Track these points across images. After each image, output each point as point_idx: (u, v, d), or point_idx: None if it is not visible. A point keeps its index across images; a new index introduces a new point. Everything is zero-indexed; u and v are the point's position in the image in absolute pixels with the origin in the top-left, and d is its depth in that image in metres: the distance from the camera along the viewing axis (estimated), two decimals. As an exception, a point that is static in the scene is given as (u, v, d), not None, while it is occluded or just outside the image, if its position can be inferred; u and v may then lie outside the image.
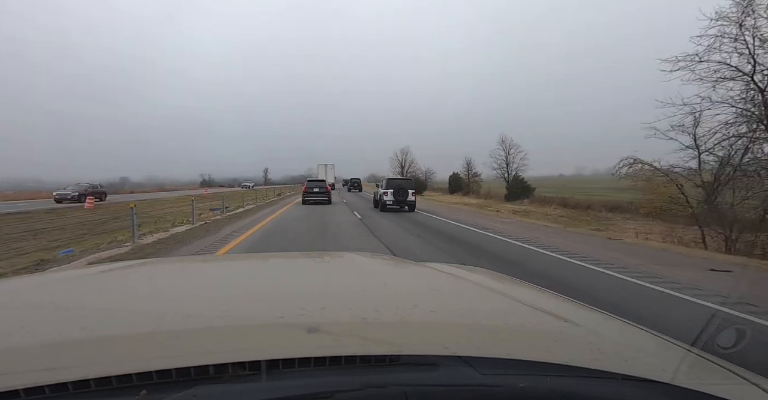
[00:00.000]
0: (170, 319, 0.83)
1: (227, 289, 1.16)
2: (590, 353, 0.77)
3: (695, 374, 0.74)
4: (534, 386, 0.61)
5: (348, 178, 59.42)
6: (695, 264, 7.06)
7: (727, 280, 5.90)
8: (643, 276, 5.82)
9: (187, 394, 0.54)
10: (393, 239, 9.54)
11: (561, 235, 11.12)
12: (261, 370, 0.59)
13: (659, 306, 4.40)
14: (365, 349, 0.67)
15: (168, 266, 1.61)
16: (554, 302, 1.21)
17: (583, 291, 4.92)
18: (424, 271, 1.52)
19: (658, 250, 8.85)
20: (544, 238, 10.18)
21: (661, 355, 0.85)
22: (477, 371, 0.63)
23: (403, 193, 18.04)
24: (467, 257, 7.25)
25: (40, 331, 0.76)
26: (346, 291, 1.17)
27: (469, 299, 1.13)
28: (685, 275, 6.00)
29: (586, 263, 6.83)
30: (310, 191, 22.87)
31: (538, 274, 5.91)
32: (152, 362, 0.59)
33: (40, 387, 0.53)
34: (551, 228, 13.07)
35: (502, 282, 1.44)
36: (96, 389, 0.55)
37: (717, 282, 5.61)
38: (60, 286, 1.18)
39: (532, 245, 8.78)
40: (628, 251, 8.49)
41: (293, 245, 8.44)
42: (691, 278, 5.84)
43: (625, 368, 0.68)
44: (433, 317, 0.91)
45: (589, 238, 10.84)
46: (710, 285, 5.36)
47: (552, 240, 9.79)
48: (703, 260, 7.51)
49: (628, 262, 6.99)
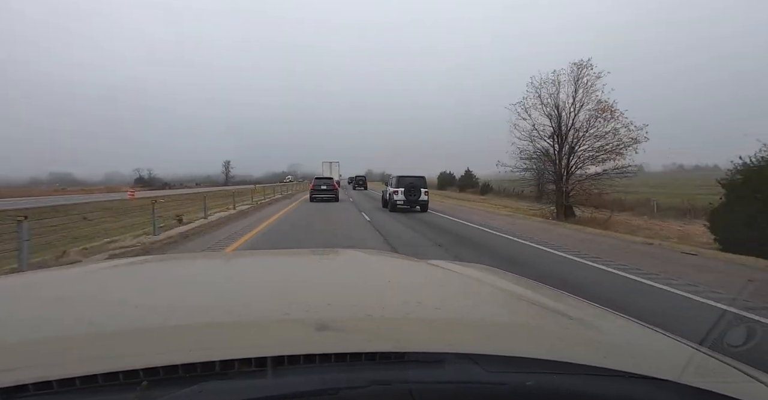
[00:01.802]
0: (176, 315, 0.84)
1: (233, 285, 1.17)
2: (596, 351, 0.77)
3: (704, 372, 0.73)
4: (540, 384, 0.61)
5: (353, 175, 58.71)
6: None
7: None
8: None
9: (193, 390, 0.54)
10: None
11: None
12: (267, 366, 0.59)
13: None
14: (370, 346, 0.68)
15: (174, 263, 1.64)
16: (559, 299, 1.21)
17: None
18: (428, 268, 1.52)
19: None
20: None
21: (669, 353, 0.84)
22: (483, 369, 0.63)
23: (415, 193, 16.74)
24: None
25: (47, 326, 0.77)
26: (351, 288, 1.18)
27: (473, 297, 1.13)
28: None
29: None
30: (318, 189, 23.20)
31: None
32: (159, 358, 0.60)
33: (48, 382, 0.54)
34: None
35: (506, 279, 1.44)
36: (103, 384, 0.55)
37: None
38: (67, 282, 1.20)
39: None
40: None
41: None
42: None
43: (632, 366, 0.67)
44: (438, 314, 0.91)
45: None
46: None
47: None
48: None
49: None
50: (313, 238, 9.79)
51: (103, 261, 2.21)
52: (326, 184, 23.38)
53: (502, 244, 9.29)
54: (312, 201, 22.43)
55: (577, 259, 7.34)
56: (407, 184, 16.86)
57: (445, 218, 15.18)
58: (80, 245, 8.05)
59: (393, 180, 17.97)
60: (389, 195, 17.83)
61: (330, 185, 23.39)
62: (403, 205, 16.91)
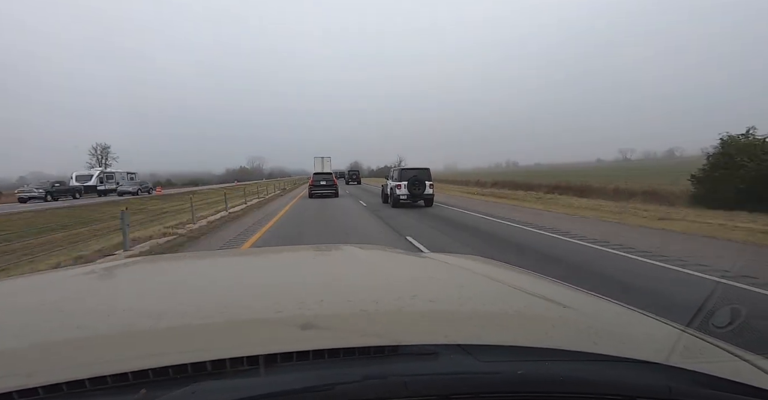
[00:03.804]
0: (167, 316, 0.84)
1: (224, 284, 1.17)
2: (588, 337, 0.78)
3: (690, 353, 0.75)
4: (532, 372, 0.62)
5: (345, 169, 57.89)
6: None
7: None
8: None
9: (186, 391, 0.54)
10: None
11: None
12: (259, 365, 0.59)
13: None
14: (364, 340, 0.68)
15: (163, 264, 1.62)
16: (551, 287, 1.22)
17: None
18: (422, 261, 1.53)
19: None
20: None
21: (657, 336, 0.85)
22: (477, 359, 0.63)
23: (419, 186, 15.29)
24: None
25: (33, 331, 0.77)
26: (344, 283, 1.18)
27: (467, 288, 1.14)
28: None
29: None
30: (317, 185, 23.20)
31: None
32: (149, 360, 0.60)
33: (34, 389, 0.53)
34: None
35: (500, 269, 1.45)
36: (91, 389, 0.55)
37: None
38: (54, 286, 1.19)
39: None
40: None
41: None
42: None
43: (622, 351, 0.69)
44: (432, 307, 0.92)
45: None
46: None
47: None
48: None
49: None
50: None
51: (91, 264, 2.21)
52: (325, 180, 23.43)
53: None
54: (311, 197, 22.28)
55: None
56: (411, 177, 15.49)
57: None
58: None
59: (395, 173, 16.58)
60: (390, 189, 16.50)
61: (330, 181, 23.48)
62: (406, 199, 15.59)
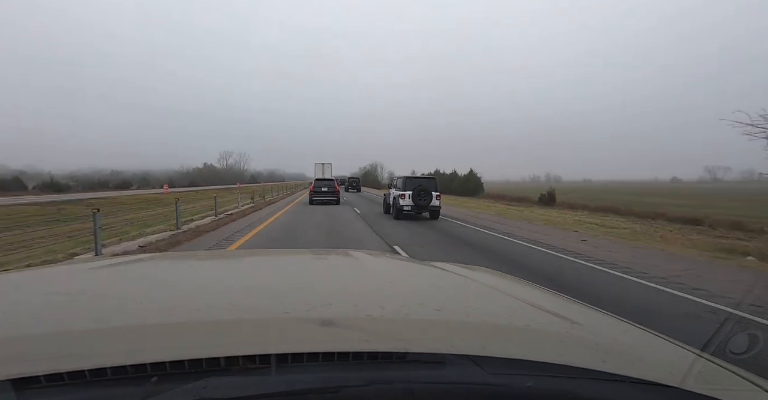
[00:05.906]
0: (180, 311, 0.85)
1: (234, 283, 1.18)
2: (597, 355, 0.77)
3: (705, 378, 0.73)
4: (541, 387, 0.61)
5: (346, 176, 56.19)
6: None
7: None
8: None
9: (197, 385, 0.55)
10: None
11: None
12: (271, 363, 0.60)
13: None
14: (372, 345, 0.68)
15: (177, 261, 1.66)
16: (560, 302, 1.21)
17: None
18: (429, 269, 1.52)
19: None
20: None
21: (670, 358, 0.83)
22: (484, 370, 0.63)
23: (425, 197, 14.28)
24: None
25: (53, 320, 0.79)
26: (351, 288, 1.18)
27: (474, 298, 1.13)
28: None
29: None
30: (319, 191, 22.87)
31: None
32: (165, 354, 0.61)
33: (59, 374, 0.55)
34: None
35: (508, 282, 1.44)
36: (112, 377, 0.57)
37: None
38: (69, 278, 1.22)
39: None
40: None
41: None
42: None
43: (633, 371, 0.67)
44: (439, 315, 0.91)
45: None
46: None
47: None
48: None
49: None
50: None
51: (104, 258, 2.24)
52: (327, 186, 23.07)
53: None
54: (311, 203, 22.00)
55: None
56: (416, 187, 14.43)
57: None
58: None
59: (398, 182, 15.45)
60: (393, 199, 15.49)
61: (331, 187, 23.10)
62: (410, 210, 14.58)
